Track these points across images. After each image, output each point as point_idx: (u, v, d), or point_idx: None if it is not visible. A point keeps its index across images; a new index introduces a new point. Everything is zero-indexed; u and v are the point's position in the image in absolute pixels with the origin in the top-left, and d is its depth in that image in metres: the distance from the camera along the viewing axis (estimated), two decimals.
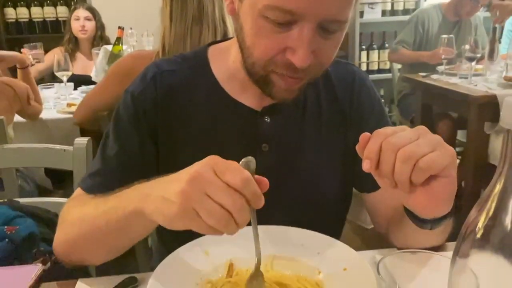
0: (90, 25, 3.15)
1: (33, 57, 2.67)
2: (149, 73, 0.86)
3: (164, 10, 1.58)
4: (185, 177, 0.55)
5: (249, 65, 0.76)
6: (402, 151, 0.58)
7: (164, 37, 1.57)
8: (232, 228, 0.55)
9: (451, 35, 2.77)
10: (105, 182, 0.81)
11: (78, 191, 0.85)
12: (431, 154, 0.59)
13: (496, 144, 2.41)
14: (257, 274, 0.64)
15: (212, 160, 0.56)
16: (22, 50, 2.77)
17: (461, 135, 3.01)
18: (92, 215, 0.72)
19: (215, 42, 0.93)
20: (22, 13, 4.16)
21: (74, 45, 3.20)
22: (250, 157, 0.59)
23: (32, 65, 2.63)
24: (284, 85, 0.75)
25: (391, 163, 0.59)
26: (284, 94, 0.77)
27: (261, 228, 0.77)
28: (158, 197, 0.58)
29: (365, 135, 0.62)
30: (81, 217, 0.75)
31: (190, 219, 0.55)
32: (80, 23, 3.12)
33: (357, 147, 0.63)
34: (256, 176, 0.57)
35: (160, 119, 0.84)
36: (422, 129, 0.62)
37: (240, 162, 0.58)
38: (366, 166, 0.61)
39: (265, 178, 0.56)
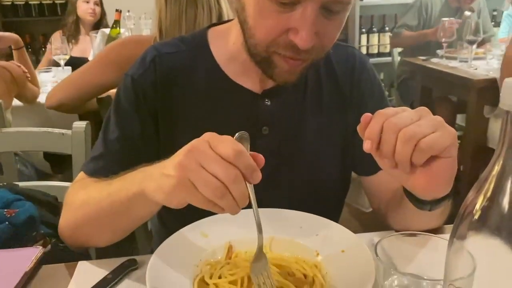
0: (98, 9, 3.15)
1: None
2: (149, 56, 0.86)
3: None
4: (182, 151, 0.57)
5: (251, 46, 0.75)
6: (404, 131, 0.58)
7: (160, 21, 1.58)
8: (229, 201, 0.55)
9: (452, 18, 2.75)
10: (107, 165, 0.82)
11: (81, 175, 0.85)
12: (432, 135, 0.59)
13: (495, 128, 2.41)
14: (260, 256, 0.65)
15: (208, 135, 0.57)
16: None
17: (460, 119, 3.01)
18: (97, 198, 0.73)
19: (215, 24, 0.92)
20: None
21: (76, 27, 3.18)
22: (243, 132, 0.60)
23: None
24: (286, 67, 0.74)
25: (392, 144, 0.59)
26: (286, 76, 0.77)
27: (260, 211, 0.77)
28: (158, 174, 0.59)
29: (366, 115, 0.62)
30: (85, 200, 0.76)
31: (188, 191, 0.55)
32: (90, 6, 3.10)
33: (358, 128, 0.63)
34: (251, 152, 0.58)
35: (160, 102, 0.84)
36: (423, 110, 0.62)
37: (234, 137, 0.58)
38: (367, 146, 0.61)
39: (260, 154, 0.56)
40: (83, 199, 0.76)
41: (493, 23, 3.95)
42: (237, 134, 0.59)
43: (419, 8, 3.16)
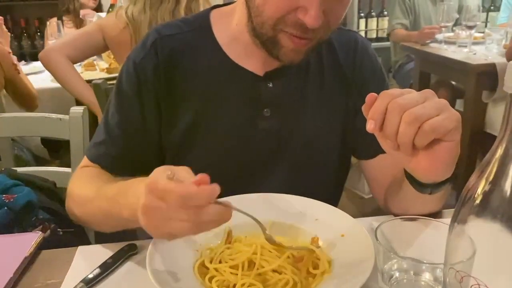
0: None
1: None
2: (149, 39, 0.85)
3: None
4: (139, 210, 0.56)
5: (257, 24, 0.75)
6: (408, 113, 0.58)
7: (127, 10, 1.70)
8: (207, 228, 0.55)
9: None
10: (109, 151, 0.84)
11: (84, 161, 0.87)
12: (436, 117, 0.58)
13: (493, 113, 2.41)
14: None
15: (149, 188, 0.55)
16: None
17: (458, 105, 3.01)
18: (95, 204, 0.74)
19: (218, 6, 0.91)
20: None
21: (76, 14, 3.16)
22: (170, 168, 0.57)
23: None
24: (292, 45, 0.74)
25: (396, 124, 0.59)
26: (292, 55, 0.77)
27: (260, 196, 0.78)
28: (138, 212, 0.58)
29: (371, 95, 0.61)
30: (86, 199, 0.77)
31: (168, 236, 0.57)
32: None
33: (363, 107, 0.62)
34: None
35: (162, 84, 0.84)
36: (428, 92, 0.61)
37: (167, 175, 0.56)
38: (370, 126, 0.60)
39: (204, 175, 0.55)
40: (85, 196, 0.78)
41: (492, 7, 3.94)
42: (169, 173, 0.56)
43: (401, 1, 3.21)
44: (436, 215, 0.79)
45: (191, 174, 0.57)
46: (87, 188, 0.79)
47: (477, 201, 0.42)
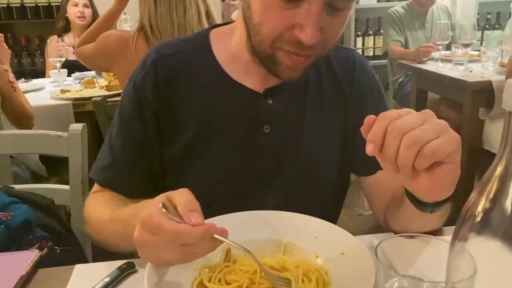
0: (88, 12, 3.13)
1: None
2: (149, 59, 0.86)
3: None
4: (134, 242, 0.61)
5: (256, 43, 0.76)
6: (408, 136, 0.57)
7: (149, 17, 1.70)
8: (200, 257, 0.60)
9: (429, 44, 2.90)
10: (116, 174, 0.87)
11: (96, 187, 0.90)
12: (436, 140, 0.58)
13: (490, 130, 2.41)
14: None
15: (142, 222, 0.59)
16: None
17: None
18: (111, 227, 0.77)
19: (217, 25, 0.93)
20: None
21: (67, 31, 3.17)
22: (167, 196, 0.61)
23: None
24: (291, 63, 0.75)
25: (396, 147, 0.58)
26: (290, 72, 0.78)
27: (258, 213, 0.77)
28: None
29: (370, 117, 0.61)
30: (102, 223, 0.80)
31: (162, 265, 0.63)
32: (79, 9, 3.09)
33: (362, 129, 0.62)
34: (180, 212, 0.58)
35: (162, 102, 0.85)
36: (428, 113, 0.61)
37: (160, 206, 0.58)
38: (369, 149, 0.60)
39: (198, 218, 0.57)
40: (100, 222, 0.81)
41: (487, 25, 4.00)
42: (160, 205, 0.58)
43: (391, 22, 3.31)
44: (436, 232, 0.79)
45: (190, 197, 0.60)
46: (102, 212, 0.81)
47: (478, 219, 0.42)
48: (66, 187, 1.26)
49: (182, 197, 0.59)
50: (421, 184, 0.63)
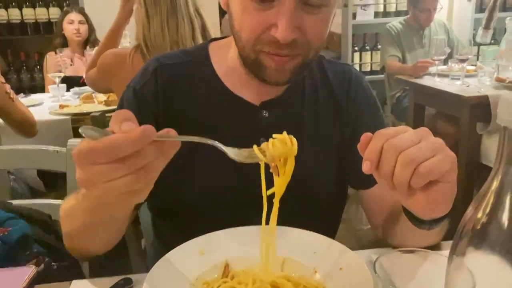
0: (84, 28, 3.17)
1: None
2: (150, 67, 0.88)
3: (140, 9, 1.74)
4: (81, 186, 0.55)
5: (240, 49, 0.79)
6: (403, 154, 0.58)
7: (144, 33, 1.72)
8: (155, 171, 0.54)
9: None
10: None
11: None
12: (432, 159, 0.58)
13: (488, 145, 2.42)
14: None
15: (75, 158, 0.52)
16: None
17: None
18: (74, 211, 0.71)
19: (216, 38, 0.95)
20: (14, 14, 4.13)
21: (64, 47, 3.19)
22: (81, 127, 0.53)
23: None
24: (274, 64, 0.76)
25: (392, 166, 0.58)
26: (276, 75, 0.78)
27: (256, 228, 0.77)
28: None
29: (366, 135, 0.61)
30: (67, 212, 0.75)
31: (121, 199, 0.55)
32: (74, 26, 3.13)
33: (358, 146, 0.62)
34: (110, 126, 0.53)
35: (161, 111, 0.85)
36: (424, 131, 0.61)
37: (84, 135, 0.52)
38: (366, 167, 0.60)
39: (125, 112, 0.53)
40: (65, 211, 0.76)
41: (492, 40, 4.03)
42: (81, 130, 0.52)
43: (389, 37, 3.33)
44: (435, 247, 0.79)
45: (122, 110, 0.55)
46: (68, 203, 0.76)
47: (475, 234, 0.42)
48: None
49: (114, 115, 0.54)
50: (417, 202, 0.63)
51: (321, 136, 0.89)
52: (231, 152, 0.63)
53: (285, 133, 0.66)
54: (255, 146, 0.64)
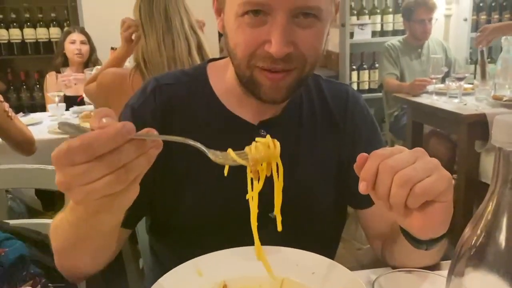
0: (85, 48, 3.20)
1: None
2: (149, 86, 0.88)
3: (139, 27, 1.78)
4: (60, 189, 0.52)
5: (236, 67, 0.80)
6: (399, 175, 0.58)
7: (142, 51, 1.75)
8: (135, 171, 0.52)
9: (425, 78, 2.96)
10: None
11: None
12: (427, 179, 0.58)
13: (486, 162, 2.43)
14: None
15: (54, 161, 0.50)
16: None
17: None
18: (62, 225, 0.70)
19: (214, 59, 0.96)
20: (14, 34, 4.17)
21: (64, 66, 3.21)
22: (59, 123, 0.53)
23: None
24: (268, 81, 0.77)
25: (387, 186, 0.59)
26: (272, 93, 0.79)
27: (253, 248, 0.77)
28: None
29: (362, 155, 0.61)
30: (55, 227, 0.74)
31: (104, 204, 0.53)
32: (76, 46, 3.15)
33: (354, 167, 0.62)
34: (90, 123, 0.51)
35: (159, 129, 0.84)
36: (419, 151, 0.61)
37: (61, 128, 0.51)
38: (362, 188, 0.60)
39: (106, 110, 0.51)
40: (52, 228, 0.75)
41: (489, 59, 4.08)
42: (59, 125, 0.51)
43: (387, 55, 3.37)
44: (434, 266, 0.78)
45: (103, 108, 0.53)
46: (55, 220, 0.75)
47: (473, 254, 0.42)
48: None
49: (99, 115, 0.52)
50: (414, 222, 0.63)
51: (319, 155, 0.90)
52: (214, 154, 0.62)
53: (268, 136, 0.66)
54: (230, 150, 0.64)
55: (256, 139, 0.66)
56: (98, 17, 3.89)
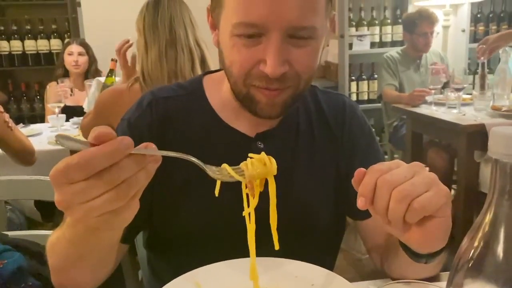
0: (83, 59, 3.22)
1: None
2: (145, 100, 0.88)
3: (140, 39, 1.71)
4: (60, 208, 0.51)
5: (232, 85, 0.80)
6: (397, 190, 0.58)
7: (142, 64, 1.68)
8: (135, 187, 0.51)
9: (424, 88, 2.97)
10: None
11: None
12: (425, 194, 0.58)
13: (486, 173, 2.43)
14: None
15: (52, 179, 0.49)
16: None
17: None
18: (59, 242, 0.69)
19: (210, 71, 0.96)
20: (15, 45, 4.20)
21: (65, 77, 3.23)
22: (57, 135, 0.51)
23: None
24: (265, 99, 0.77)
25: (386, 202, 0.59)
26: (268, 110, 0.79)
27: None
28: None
29: (360, 170, 0.62)
30: (52, 244, 0.73)
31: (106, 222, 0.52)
32: (73, 58, 3.18)
33: (352, 182, 0.62)
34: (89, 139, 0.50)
35: (155, 142, 0.83)
36: (417, 166, 0.61)
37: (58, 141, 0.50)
38: (360, 203, 0.60)
39: (105, 128, 0.50)
40: (49, 245, 0.74)
41: (478, 70, 4.10)
42: (56, 138, 0.49)
43: (386, 66, 3.39)
44: (433, 278, 0.78)
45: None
46: (52, 236, 0.73)
47: (471, 265, 0.42)
48: None
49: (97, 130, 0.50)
50: (413, 237, 0.63)
51: (317, 167, 0.90)
52: (211, 170, 0.62)
53: (263, 153, 0.66)
54: (225, 165, 0.64)
55: (251, 155, 0.66)
56: (98, 28, 3.93)
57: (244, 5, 0.71)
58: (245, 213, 0.66)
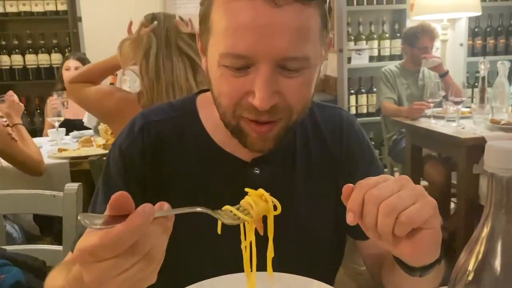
0: None
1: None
2: (137, 125, 0.85)
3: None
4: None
5: (221, 116, 0.76)
6: (384, 204, 0.57)
7: (141, 75, 1.74)
8: (161, 249, 0.51)
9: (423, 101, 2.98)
10: None
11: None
12: (413, 206, 0.58)
13: (485, 185, 2.42)
14: None
15: (77, 260, 0.49)
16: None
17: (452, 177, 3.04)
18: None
19: (204, 90, 0.91)
20: (16, 60, 4.22)
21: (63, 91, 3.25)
22: (80, 215, 0.50)
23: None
24: (254, 132, 0.74)
25: (374, 216, 0.58)
26: (259, 144, 0.76)
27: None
28: None
29: (348, 186, 0.61)
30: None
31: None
32: (69, 73, 3.18)
33: (342, 198, 0.62)
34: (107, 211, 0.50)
35: (149, 170, 0.82)
36: (404, 179, 0.61)
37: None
38: (349, 219, 0.60)
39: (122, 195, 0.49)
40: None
41: (476, 83, 4.12)
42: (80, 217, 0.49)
43: (385, 80, 3.40)
44: None
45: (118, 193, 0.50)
46: (54, 279, 0.71)
47: (469, 279, 0.42)
48: (59, 247, 1.24)
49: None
50: (404, 250, 0.62)
51: (316, 188, 0.87)
52: (219, 215, 0.62)
53: (261, 189, 0.67)
54: (227, 207, 0.64)
55: (247, 189, 0.67)
56: (99, 43, 3.95)
57: (231, 34, 0.67)
58: (242, 246, 0.66)
